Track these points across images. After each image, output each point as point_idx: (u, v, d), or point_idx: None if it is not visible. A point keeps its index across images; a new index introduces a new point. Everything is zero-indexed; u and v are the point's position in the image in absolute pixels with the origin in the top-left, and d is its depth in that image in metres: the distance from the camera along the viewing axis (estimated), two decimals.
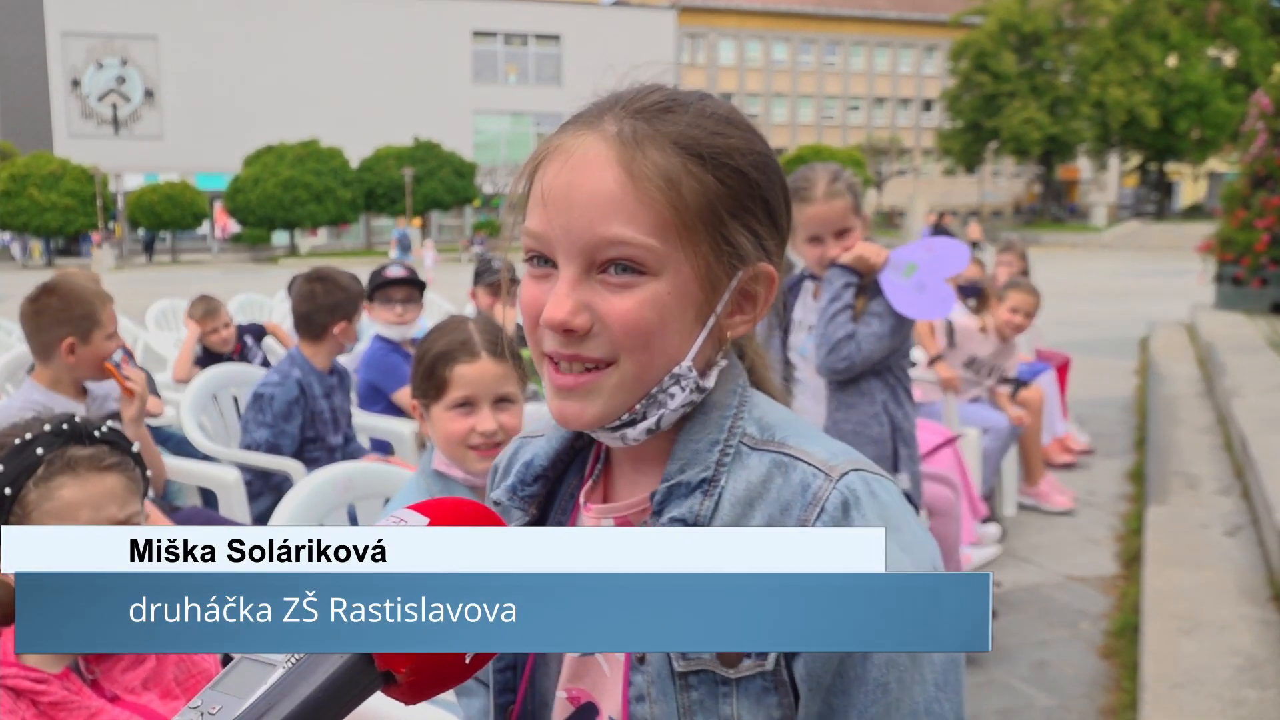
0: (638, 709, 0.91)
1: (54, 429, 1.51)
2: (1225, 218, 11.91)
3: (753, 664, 0.88)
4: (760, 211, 0.91)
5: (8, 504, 1.46)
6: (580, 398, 0.89)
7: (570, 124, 0.91)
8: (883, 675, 0.85)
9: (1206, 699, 2.93)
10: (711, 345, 0.92)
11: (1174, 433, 6.34)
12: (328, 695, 0.65)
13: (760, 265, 0.92)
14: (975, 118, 51.70)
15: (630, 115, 0.88)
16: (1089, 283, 21.77)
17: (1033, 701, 3.31)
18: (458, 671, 0.70)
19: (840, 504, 0.86)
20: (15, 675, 1.43)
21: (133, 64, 45.93)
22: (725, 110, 0.93)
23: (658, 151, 0.86)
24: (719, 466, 0.90)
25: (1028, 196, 61.75)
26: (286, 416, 3.54)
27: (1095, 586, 4.31)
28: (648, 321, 0.86)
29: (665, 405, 0.91)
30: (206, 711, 0.64)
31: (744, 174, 0.89)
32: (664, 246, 0.86)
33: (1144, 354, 10.41)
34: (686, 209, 0.86)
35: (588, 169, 0.86)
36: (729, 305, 0.91)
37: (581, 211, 0.85)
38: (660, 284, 0.86)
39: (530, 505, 1.01)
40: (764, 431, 0.93)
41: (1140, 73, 49.34)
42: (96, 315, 2.92)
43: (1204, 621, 3.46)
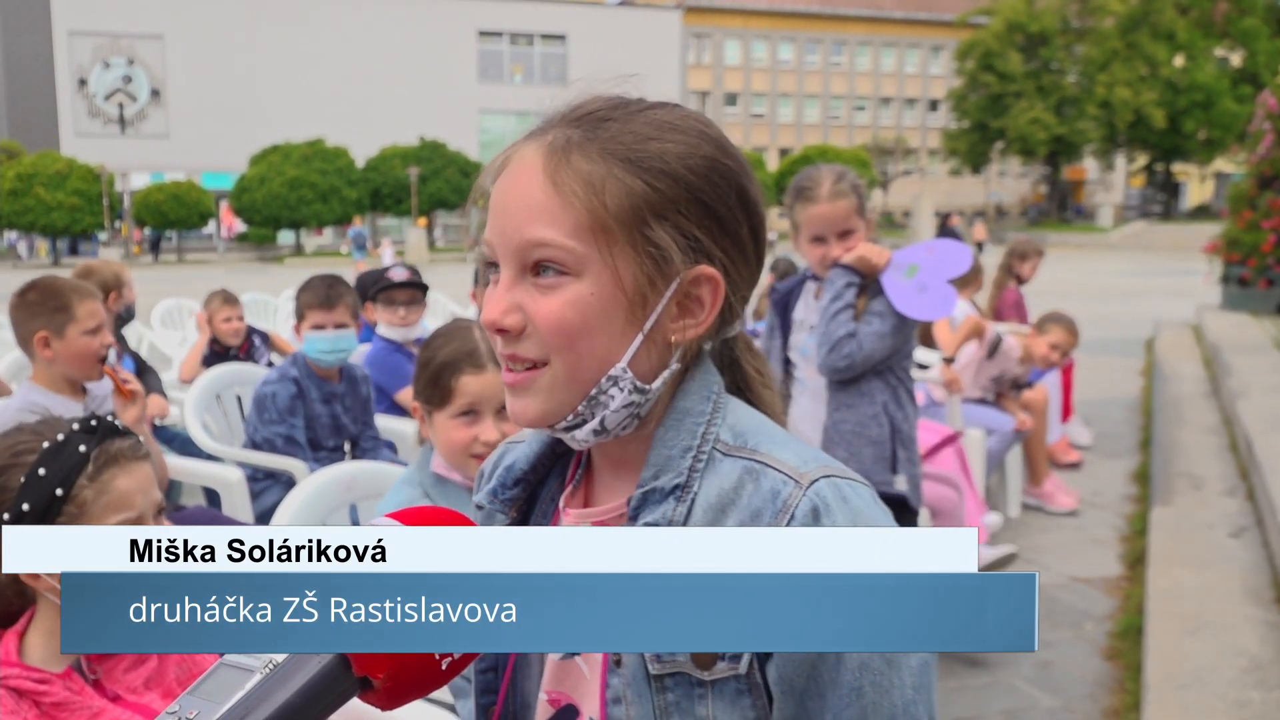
0: (615, 710, 0.92)
1: (84, 426, 1.53)
2: (1232, 218, 11.88)
3: (726, 666, 0.89)
4: (695, 213, 0.91)
5: (58, 504, 1.47)
6: (522, 395, 0.93)
7: (525, 136, 0.95)
8: (856, 679, 0.86)
9: (1211, 700, 2.92)
10: (657, 350, 0.93)
11: (1179, 433, 6.33)
12: (304, 700, 0.65)
13: (700, 269, 0.92)
14: (981, 118, 51.63)
15: (569, 125, 0.92)
16: (1095, 283, 21.74)
17: (1036, 702, 3.31)
18: (434, 676, 0.70)
19: (810, 510, 0.87)
20: (17, 675, 1.43)
21: (139, 63, 46.03)
22: (675, 117, 0.94)
23: (583, 158, 0.89)
24: (691, 472, 0.92)
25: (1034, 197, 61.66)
26: (292, 411, 3.55)
27: (1099, 587, 4.30)
28: (570, 321, 0.89)
29: (606, 406, 0.92)
30: (184, 716, 0.65)
31: (675, 177, 0.90)
32: (583, 248, 0.88)
33: (1149, 354, 10.39)
34: (605, 212, 0.88)
35: (520, 176, 0.91)
36: (671, 310, 0.92)
37: (512, 216, 0.90)
38: (582, 285, 0.89)
39: (510, 508, 1.03)
40: (737, 438, 0.94)
41: (1147, 73, 49.24)
42: (71, 309, 2.86)
43: (1208, 622, 3.46)
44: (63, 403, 2.88)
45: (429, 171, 42.87)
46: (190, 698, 0.66)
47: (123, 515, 1.49)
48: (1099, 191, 61.16)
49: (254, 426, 3.61)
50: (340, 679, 0.67)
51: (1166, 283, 21.61)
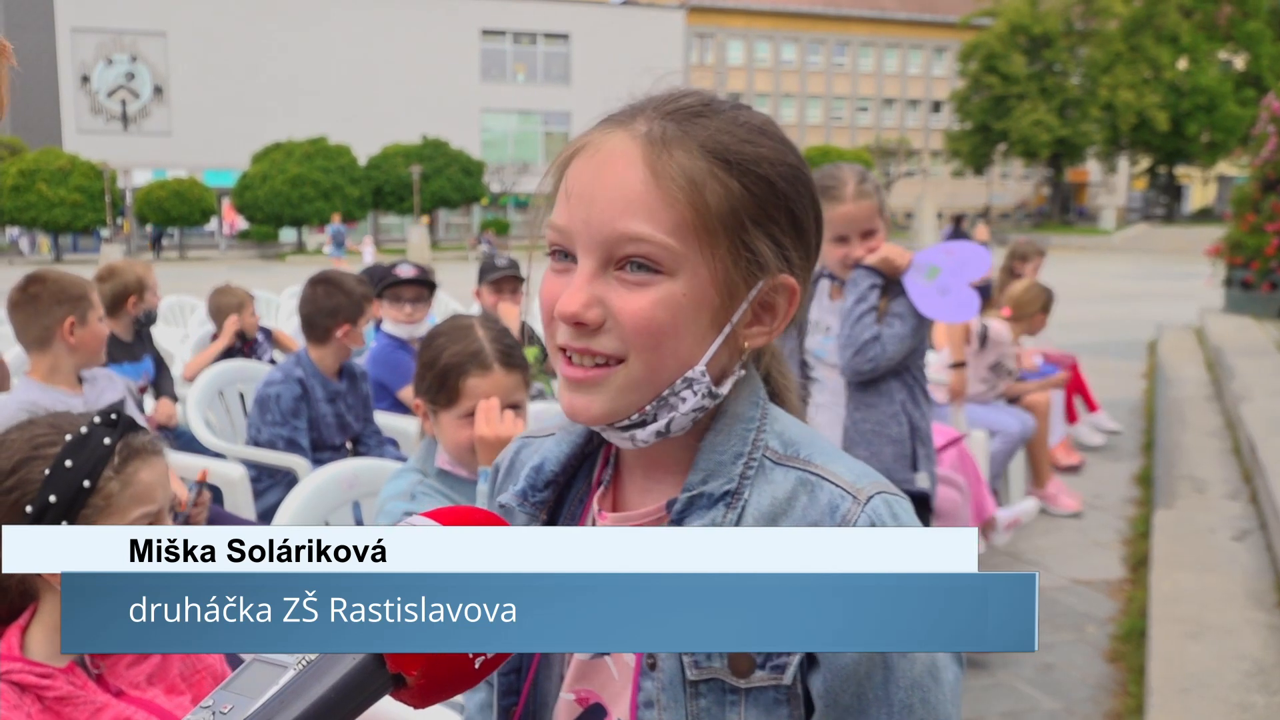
0: (646, 714, 0.91)
1: (105, 420, 1.53)
2: (1235, 221, 11.86)
3: (767, 675, 0.87)
4: (785, 222, 0.90)
5: (84, 496, 1.47)
6: (588, 392, 0.89)
7: (603, 122, 0.91)
8: (907, 697, 0.85)
9: (1213, 703, 2.91)
10: (728, 354, 0.91)
11: (1182, 436, 6.32)
12: (339, 697, 0.65)
13: (781, 277, 0.91)
14: (984, 119, 51.58)
15: (662, 116, 0.88)
16: (1097, 285, 21.72)
17: (1038, 705, 3.30)
18: (467, 676, 0.70)
19: (868, 526, 0.87)
20: (20, 670, 1.43)
21: (142, 60, 46.04)
22: (760, 120, 0.92)
23: (684, 153, 0.86)
24: (743, 479, 0.90)
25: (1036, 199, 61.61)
26: (295, 413, 3.54)
27: (1102, 590, 4.29)
28: (659, 321, 0.86)
29: (676, 409, 0.90)
30: (218, 711, 0.65)
31: (771, 183, 0.89)
32: (682, 247, 0.85)
33: (1152, 357, 10.38)
34: (708, 212, 0.86)
35: (613, 165, 0.87)
36: (747, 315, 0.91)
37: (603, 206, 0.86)
38: (675, 284, 0.86)
39: (541, 511, 1.00)
40: (787, 447, 0.92)
41: (1150, 75, 49.19)
42: (90, 296, 2.99)
43: (1211, 626, 3.45)
44: (62, 397, 2.87)
45: (431, 170, 42.86)
46: (224, 693, 0.66)
47: (146, 508, 1.51)
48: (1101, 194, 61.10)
49: (256, 427, 3.60)
50: (374, 676, 0.67)
51: (1169, 286, 21.59)
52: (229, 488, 3.46)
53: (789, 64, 62.17)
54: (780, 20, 61.21)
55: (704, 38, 59.62)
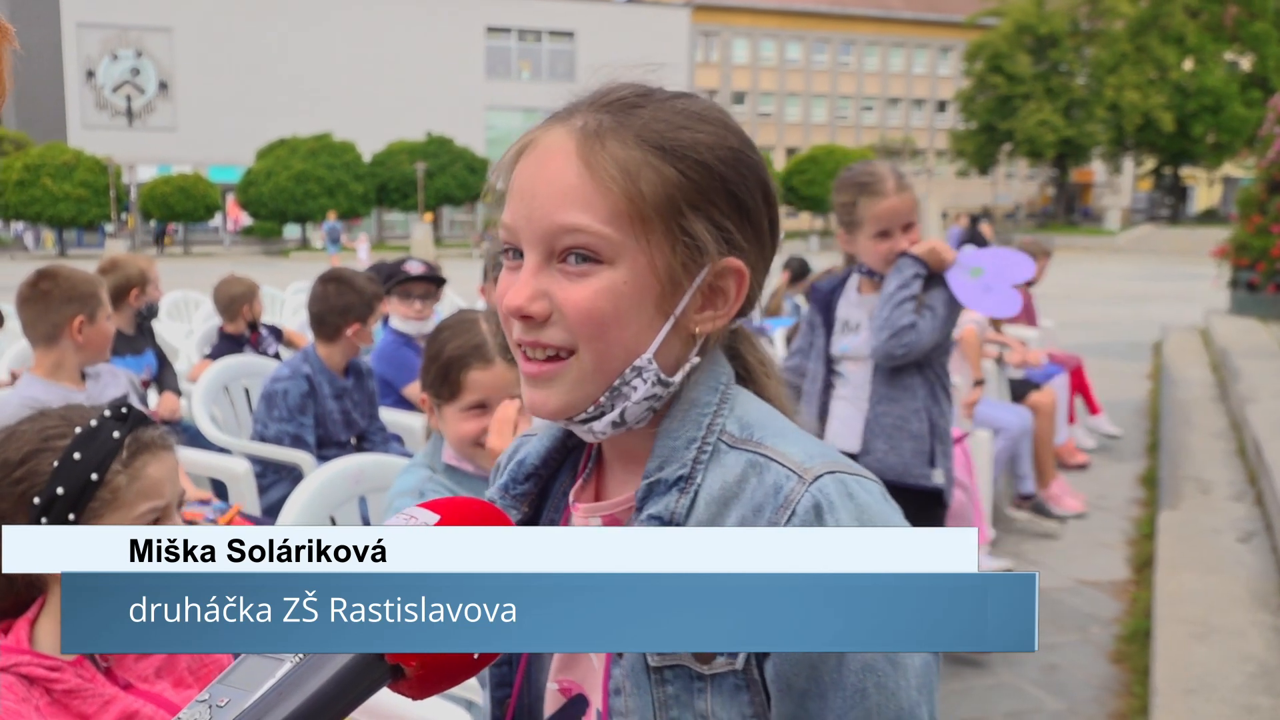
0: (615, 701, 0.92)
1: (115, 413, 1.53)
2: (1241, 222, 11.84)
3: (724, 662, 0.88)
4: (726, 205, 0.91)
5: (92, 489, 1.47)
6: (544, 386, 0.91)
7: (546, 119, 0.93)
8: (860, 680, 0.85)
9: (1218, 705, 2.91)
10: (679, 342, 0.92)
11: (1187, 437, 6.30)
12: (336, 689, 0.65)
13: (727, 260, 0.91)
14: (989, 119, 51.49)
15: (598, 110, 0.90)
16: (1102, 286, 21.69)
17: (1042, 705, 3.29)
18: (466, 667, 0.70)
19: (812, 507, 0.86)
20: (29, 663, 1.43)
21: (147, 56, 46.09)
22: (701, 107, 0.93)
23: (618, 144, 0.88)
24: (695, 464, 0.91)
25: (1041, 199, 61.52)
26: (302, 409, 3.54)
27: (1106, 591, 4.28)
28: (601, 310, 0.87)
29: (629, 399, 0.91)
30: (215, 704, 0.64)
31: (708, 167, 0.89)
32: (619, 235, 0.87)
33: (1157, 358, 10.36)
34: (643, 199, 0.87)
35: (550, 160, 0.89)
36: (696, 300, 0.91)
37: (542, 201, 0.88)
38: (616, 273, 0.87)
39: (522, 503, 1.02)
40: (744, 430, 0.93)
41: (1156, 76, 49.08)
42: (99, 294, 3.00)
43: (1216, 627, 3.44)
44: (65, 393, 2.87)
45: (436, 167, 42.86)
46: (220, 686, 0.65)
47: (153, 503, 1.50)
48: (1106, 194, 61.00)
49: (263, 423, 3.60)
50: (372, 668, 0.67)
51: (1174, 287, 21.56)
52: (234, 483, 3.46)
53: (794, 62, 62.10)
54: (785, 19, 61.14)
55: (709, 36, 59.58)
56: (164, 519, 1.53)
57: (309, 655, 0.66)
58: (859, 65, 63.26)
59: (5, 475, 1.49)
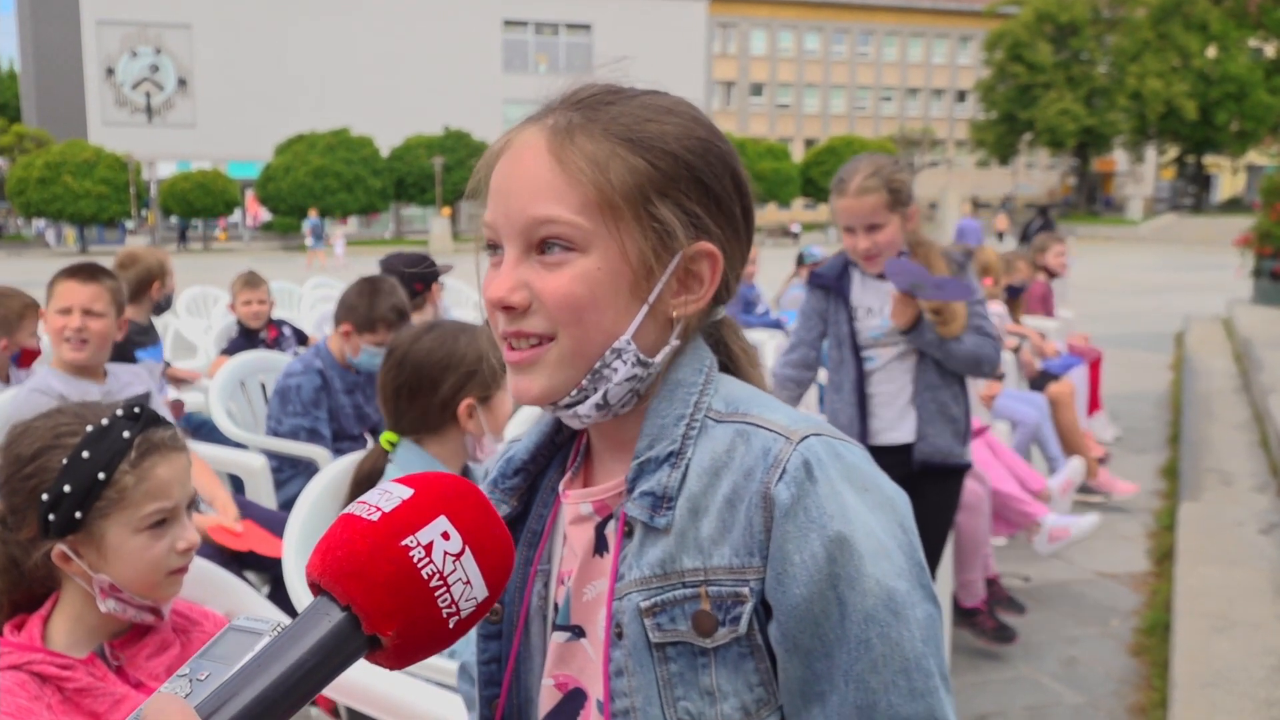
0: (618, 684, 0.92)
1: (128, 413, 1.53)
2: (1264, 211, 11.73)
3: (727, 631, 0.89)
4: (694, 191, 0.94)
5: (99, 488, 1.48)
6: (528, 372, 0.94)
7: (523, 121, 0.98)
8: (863, 631, 0.86)
9: (1239, 699, 2.88)
10: (657, 325, 0.95)
11: (1209, 429, 6.25)
12: (315, 658, 0.66)
13: (699, 245, 0.94)
14: (1010, 109, 51.21)
15: (569, 108, 0.95)
16: (1124, 276, 21.54)
17: (1061, 698, 3.27)
18: (442, 636, 0.70)
19: (802, 464, 0.88)
20: (41, 661, 1.44)
21: (166, 52, 46.34)
22: (669, 102, 0.97)
23: (586, 138, 0.92)
24: (685, 440, 0.93)
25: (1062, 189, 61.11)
26: (316, 404, 3.55)
27: (1126, 583, 4.26)
28: (577, 295, 0.91)
29: (610, 380, 0.94)
30: (195, 678, 0.65)
31: (675, 156, 0.93)
32: (591, 224, 0.90)
33: (1179, 349, 10.28)
34: (612, 189, 0.91)
35: (524, 158, 0.93)
36: (671, 285, 0.94)
37: (518, 196, 0.92)
38: (589, 260, 0.91)
39: (511, 497, 1.05)
40: (729, 405, 0.95)
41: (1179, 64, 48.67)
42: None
43: (1237, 620, 3.41)
44: (82, 387, 2.88)
45: (453, 161, 42.95)
46: (201, 660, 0.66)
47: (160, 504, 1.50)
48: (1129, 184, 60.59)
49: (277, 418, 3.61)
50: (350, 638, 0.67)
51: (1196, 277, 21.38)
52: (250, 478, 3.48)
53: (812, 53, 61.87)
54: (803, 9, 60.91)
55: (726, 28, 59.40)
56: (171, 520, 1.53)
57: (287, 627, 0.67)
58: (878, 55, 62.94)
59: (17, 470, 1.50)
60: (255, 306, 5.23)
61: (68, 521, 1.47)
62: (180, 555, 1.52)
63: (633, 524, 0.93)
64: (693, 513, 0.91)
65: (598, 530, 0.98)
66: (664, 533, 0.91)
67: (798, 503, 0.87)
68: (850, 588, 0.86)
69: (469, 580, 0.70)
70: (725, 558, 0.89)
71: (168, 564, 1.51)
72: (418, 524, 0.69)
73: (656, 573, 0.91)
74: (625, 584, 0.92)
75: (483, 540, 0.71)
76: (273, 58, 46.46)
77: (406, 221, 49.86)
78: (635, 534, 0.93)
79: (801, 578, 0.86)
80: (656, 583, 0.91)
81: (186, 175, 41.89)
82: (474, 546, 0.70)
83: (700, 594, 0.89)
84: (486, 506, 0.73)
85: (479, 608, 0.71)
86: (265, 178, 42.31)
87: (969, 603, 3.62)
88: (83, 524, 1.47)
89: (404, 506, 0.70)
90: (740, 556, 0.89)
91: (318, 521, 2.20)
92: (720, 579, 0.89)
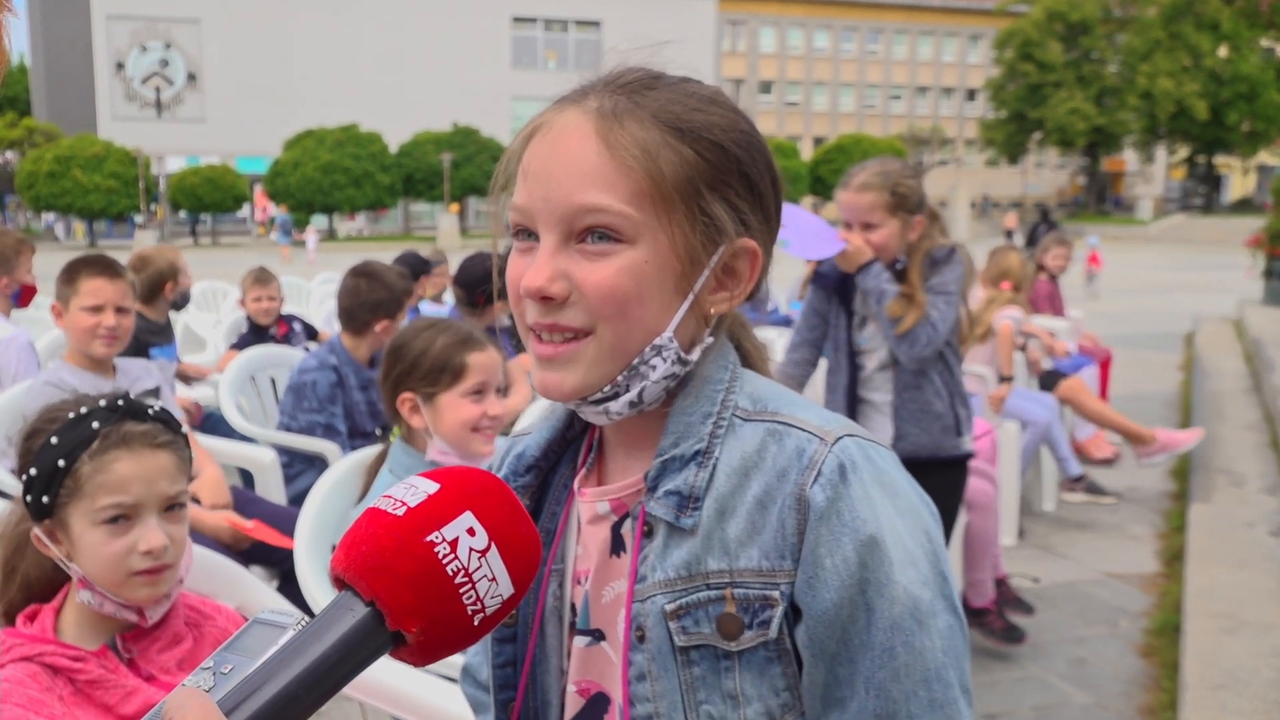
0: (639, 689, 0.90)
1: (109, 405, 1.52)
2: (1275, 212, 11.68)
3: (754, 635, 0.87)
4: (740, 187, 0.92)
5: (60, 476, 1.47)
6: (560, 367, 0.90)
7: (557, 102, 0.93)
8: (888, 639, 0.84)
9: (1249, 700, 2.87)
10: (695, 321, 0.92)
11: (1219, 429, 6.23)
12: (339, 655, 0.65)
13: (742, 241, 0.92)
14: (1019, 108, 51.06)
15: (612, 91, 0.90)
16: (1133, 276, 21.47)
17: (1070, 699, 3.27)
18: (467, 633, 0.69)
19: (837, 466, 0.86)
20: (53, 652, 1.44)
21: (176, 47, 46.42)
22: (710, 91, 0.94)
23: (636, 124, 0.88)
24: (713, 438, 0.91)
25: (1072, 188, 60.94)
26: (332, 399, 3.56)
27: (1135, 584, 4.24)
28: (624, 289, 0.87)
29: (647, 377, 0.91)
30: (219, 671, 0.64)
31: (724, 149, 0.90)
32: (640, 215, 0.87)
33: (1189, 349, 10.24)
34: (663, 179, 0.87)
35: (567, 141, 0.88)
36: (711, 281, 0.92)
37: (560, 181, 0.87)
38: (637, 252, 0.87)
39: (524, 496, 1.01)
40: (756, 404, 0.93)
41: (1190, 63, 48.47)
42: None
43: (1247, 622, 3.40)
44: (95, 381, 2.90)
45: (461, 157, 42.96)
46: (225, 653, 0.66)
47: (116, 499, 1.46)
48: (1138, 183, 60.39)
49: (291, 414, 3.61)
50: (374, 634, 0.67)
51: (1206, 277, 21.31)
52: (260, 472, 3.48)
53: (822, 51, 61.75)
54: (813, 7, 60.79)
55: (736, 25, 59.32)
56: (134, 519, 1.48)
57: (311, 622, 0.67)
58: (887, 53, 62.80)
59: (19, 448, 1.54)
60: (265, 303, 5.24)
61: (38, 506, 1.48)
62: (143, 557, 1.46)
63: (653, 524, 0.91)
64: (720, 513, 0.88)
65: (613, 530, 0.96)
66: (689, 533, 0.89)
67: (832, 506, 0.85)
68: (879, 594, 0.84)
69: (494, 577, 0.69)
70: (754, 560, 0.87)
71: (129, 564, 1.46)
72: (443, 520, 0.68)
73: (681, 574, 0.88)
74: (647, 586, 0.90)
75: (509, 537, 0.70)
76: (282, 53, 46.52)
77: (415, 217, 49.89)
78: (657, 534, 0.91)
79: (833, 582, 0.85)
80: (681, 585, 0.88)
81: (195, 170, 41.96)
82: (500, 543, 0.69)
83: (725, 596, 0.87)
84: (513, 502, 0.72)
85: (504, 605, 0.70)
86: (274, 173, 42.36)
87: (978, 603, 3.61)
88: (51, 510, 1.48)
89: (429, 502, 0.69)
90: (770, 559, 0.87)
91: (329, 516, 2.20)
92: (747, 581, 0.87)
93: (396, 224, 49.59)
